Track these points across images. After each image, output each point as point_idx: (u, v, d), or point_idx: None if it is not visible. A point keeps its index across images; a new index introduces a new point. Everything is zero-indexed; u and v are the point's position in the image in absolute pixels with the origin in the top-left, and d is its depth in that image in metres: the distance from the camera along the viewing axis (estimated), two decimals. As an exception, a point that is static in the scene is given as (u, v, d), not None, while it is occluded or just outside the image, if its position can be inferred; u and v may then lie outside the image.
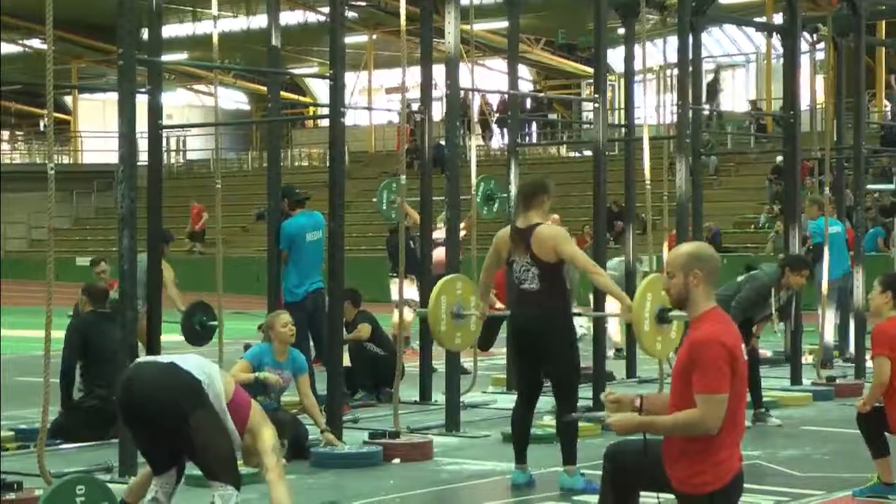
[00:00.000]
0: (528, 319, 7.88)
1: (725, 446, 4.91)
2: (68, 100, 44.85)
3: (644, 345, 8.37)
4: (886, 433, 7.61)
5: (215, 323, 10.58)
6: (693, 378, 4.88)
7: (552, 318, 7.80)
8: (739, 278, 10.84)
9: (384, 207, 12.92)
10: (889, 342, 7.46)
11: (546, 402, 9.20)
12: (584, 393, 11.24)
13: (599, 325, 11.83)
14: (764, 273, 10.57)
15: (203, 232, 32.54)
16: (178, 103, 44.39)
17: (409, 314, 13.44)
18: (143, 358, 5.98)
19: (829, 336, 14.01)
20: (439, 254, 11.47)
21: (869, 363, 13.29)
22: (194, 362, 5.74)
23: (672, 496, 5.01)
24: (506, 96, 20.30)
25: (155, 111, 9.58)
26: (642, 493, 5.23)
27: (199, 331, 10.84)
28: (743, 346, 5.13)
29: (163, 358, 5.90)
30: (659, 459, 5.02)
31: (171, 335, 10.90)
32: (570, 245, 7.79)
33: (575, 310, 13.29)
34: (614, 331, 14.71)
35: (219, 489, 5.50)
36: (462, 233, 10.84)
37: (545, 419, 9.86)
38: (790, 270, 10.40)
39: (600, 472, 5.28)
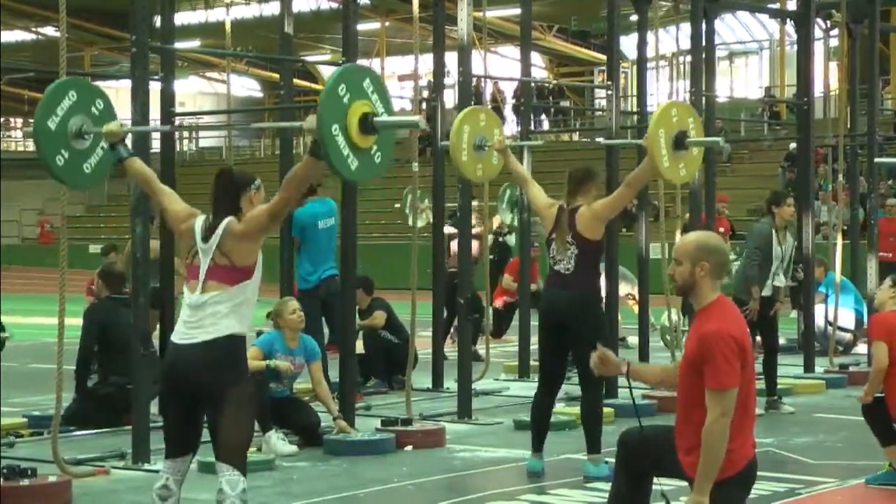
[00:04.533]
0: (559, 301, 7.82)
1: (738, 434, 4.91)
2: (81, 87, 44.84)
3: (664, 173, 8.02)
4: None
5: None
6: (704, 373, 4.90)
7: (584, 303, 7.79)
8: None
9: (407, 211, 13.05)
10: (888, 328, 7.46)
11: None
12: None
13: (612, 311, 11.79)
14: (759, 223, 10.77)
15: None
16: (191, 91, 44.42)
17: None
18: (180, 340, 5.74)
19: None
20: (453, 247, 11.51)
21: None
22: (222, 324, 5.49)
23: (685, 483, 5.02)
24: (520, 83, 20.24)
25: (167, 98, 9.59)
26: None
27: None
28: (748, 330, 5.17)
29: (198, 339, 5.67)
30: (672, 446, 5.03)
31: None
32: (603, 204, 7.84)
33: None
34: None
35: (226, 474, 5.49)
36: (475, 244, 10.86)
37: (559, 406, 9.87)
38: (776, 207, 10.53)
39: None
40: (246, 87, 46.83)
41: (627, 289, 13.97)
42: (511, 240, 18.43)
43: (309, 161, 5.39)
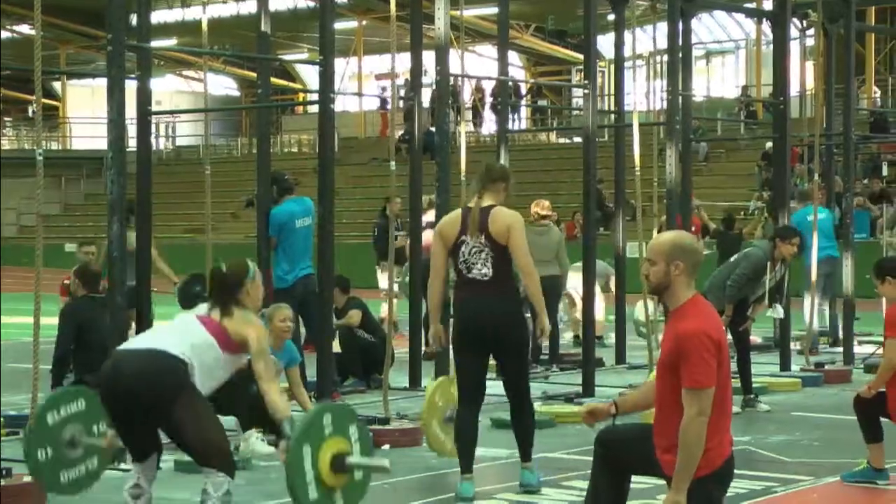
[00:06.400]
0: (481, 310, 7.19)
1: (715, 433, 4.93)
2: (57, 86, 44.73)
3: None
4: (882, 418, 7.60)
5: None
6: (681, 372, 4.91)
7: (510, 312, 7.26)
8: (733, 258, 10.90)
9: None
10: None
11: (537, 388, 9.23)
12: (575, 379, 11.30)
13: (588, 311, 11.80)
14: (758, 248, 10.64)
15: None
16: (168, 89, 44.30)
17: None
18: (123, 346, 5.88)
19: (815, 322, 14.04)
20: (428, 237, 11.47)
21: (857, 349, 13.42)
22: (175, 340, 5.64)
23: (662, 482, 5.03)
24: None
25: (144, 97, 9.55)
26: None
27: (195, 300, 10.80)
28: (724, 329, 5.19)
29: (143, 344, 5.80)
30: (651, 445, 5.04)
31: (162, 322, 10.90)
32: (522, 235, 7.26)
33: None
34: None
35: (211, 476, 5.50)
36: None
37: (536, 405, 9.87)
38: (780, 241, 10.48)
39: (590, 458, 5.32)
40: (223, 85, 46.72)
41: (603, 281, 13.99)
42: None
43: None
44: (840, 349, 13.48)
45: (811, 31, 15.67)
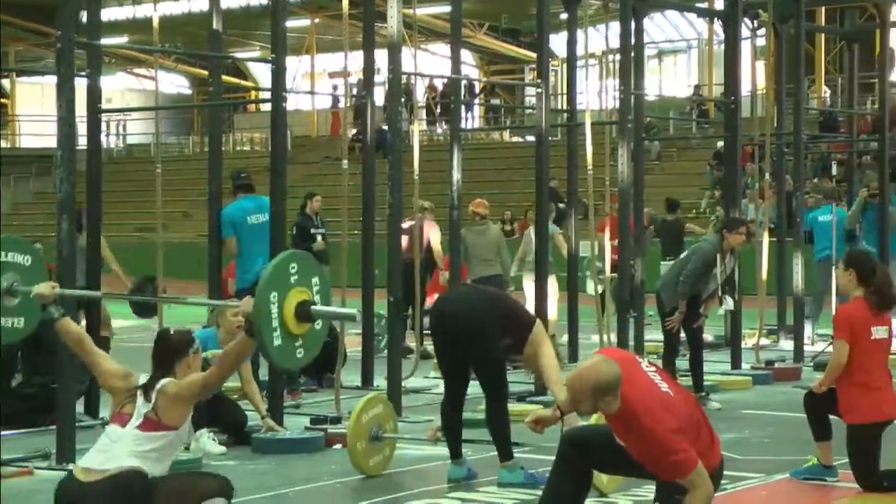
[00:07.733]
0: (454, 306, 7.56)
1: (707, 455, 5.16)
2: (6, 83, 44.32)
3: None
4: (831, 416, 7.65)
5: (164, 296, 10.44)
6: (668, 471, 5.05)
7: (480, 309, 7.47)
8: (683, 255, 10.95)
9: None
10: (850, 326, 7.43)
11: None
12: (528, 377, 11.30)
13: (541, 309, 11.82)
14: (706, 242, 10.69)
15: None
16: (118, 87, 43.98)
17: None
18: (79, 472, 5.52)
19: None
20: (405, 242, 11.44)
21: (808, 347, 13.53)
22: (128, 458, 5.44)
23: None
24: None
25: (94, 95, 9.48)
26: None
27: (147, 304, 10.71)
28: (668, 394, 5.27)
29: (98, 464, 5.47)
30: (619, 446, 5.18)
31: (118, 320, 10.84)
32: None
33: None
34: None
35: None
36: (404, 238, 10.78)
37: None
38: (728, 232, 10.54)
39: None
40: (175, 83, 46.43)
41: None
42: None
43: (244, 340, 5.49)
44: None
45: (762, 31, 15.74)
